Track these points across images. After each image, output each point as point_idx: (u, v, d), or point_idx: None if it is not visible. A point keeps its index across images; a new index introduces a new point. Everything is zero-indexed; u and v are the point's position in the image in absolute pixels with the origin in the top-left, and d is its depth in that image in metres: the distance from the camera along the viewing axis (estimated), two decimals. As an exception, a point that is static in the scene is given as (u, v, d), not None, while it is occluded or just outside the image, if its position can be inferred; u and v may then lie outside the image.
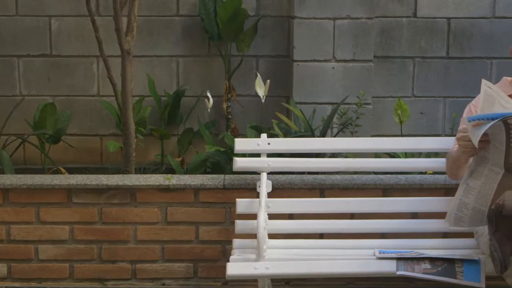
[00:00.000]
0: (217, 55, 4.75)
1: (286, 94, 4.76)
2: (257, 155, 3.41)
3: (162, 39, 4.81)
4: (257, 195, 3.29)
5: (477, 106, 2.79)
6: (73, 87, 4.84)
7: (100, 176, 3.66)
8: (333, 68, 4.57)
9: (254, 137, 3.99)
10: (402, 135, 4.29)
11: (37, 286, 3.66)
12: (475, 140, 2.58)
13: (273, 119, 4.28)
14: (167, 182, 3.58)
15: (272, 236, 3.28)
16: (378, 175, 3.65)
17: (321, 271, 3.00)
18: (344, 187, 3.55)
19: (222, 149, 4.12)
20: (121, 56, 3.96)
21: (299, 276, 3.39)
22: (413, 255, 2.95)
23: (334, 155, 3.88)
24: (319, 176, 3.62)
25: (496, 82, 3.12)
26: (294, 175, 3.63)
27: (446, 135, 4.69)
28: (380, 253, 3.04)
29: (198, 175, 3.74)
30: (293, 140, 3.61)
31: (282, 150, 3.47)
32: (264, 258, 2.98)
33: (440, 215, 3.25)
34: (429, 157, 3.76)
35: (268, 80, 4.23)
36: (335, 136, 4.32)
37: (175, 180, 3.61)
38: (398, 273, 2.86)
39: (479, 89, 2.71)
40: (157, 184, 3.58)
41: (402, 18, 4.80)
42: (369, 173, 3.72)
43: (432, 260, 2.89)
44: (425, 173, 3.74)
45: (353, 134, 4.29)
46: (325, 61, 4.56)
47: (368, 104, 4.52)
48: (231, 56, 4.70)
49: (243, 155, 3.55)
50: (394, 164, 3.52)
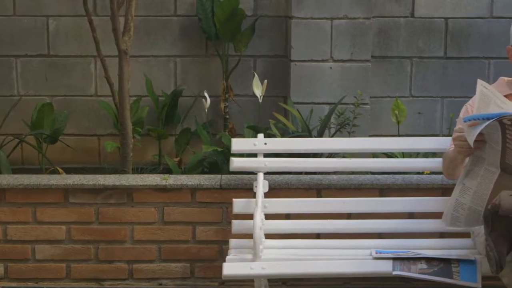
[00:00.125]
0: (215, 55, 4.75)
1: (284, 94, 4.75)
2: (254, 155, 3.41)
3: (160, 39, 4.81)
4: (254, 195, 3.28)
5: (474, 106, 2.78)
6: (71, 87, 4.84)
7: (97, 176, 3.66)
8: (331, 68, 4.56)
9: (252, 137, 3.98)
10: (400, 135, 4.28)
11: (34, 286, 3.66)
12: (471, 140, 2.58)
13: (271, 119, 4.27)
14: (164, 182, 3.58)
15: (269, 236, 3.28)
16: (375, 175, 3.64)
17: (318, 271, 2.99)
18: (341, 187, 3.55)
19: (219, 149, 4.11)
20: (118, 56, 3.96)
21: (296, 276, 3.38)
22: (410, 255, 2.94)
23: (331, 155, 3.88)
24: (316, 176, 3.62)
25: (494, 82, 3.12)
26: (291, 175, 3.62)
27: (444, 135, 4.68)
28: (377, 253, 3.03)
29: (195, 175, 3.74)
30: (290, 140, 3.60)
31: (279, 150, 3.47)
32: (261, 258, 2.96)
33: (437, 215, 3.24)
34: (427, 157, 3.76)
35: (265, 80, 4.23)
36: (333, 136, 4.31)
37: (172, 180, 3.60)
38: (394, 273, 2.85)
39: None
40: (154, 184, 3.58)
41: (400, 18, 4.80)
42: (366, 173, 3.72)
43: (429, 260, 2.88)
44: (422, 173, 3.74)
45: (351, 134, 4.28)
46: (323, 61, 4.56)
47: (366, 104, 4.52)
48: (229, 56, 4.70)
49: (241, 155, 3.54)
50: (391, 164, 3.51)
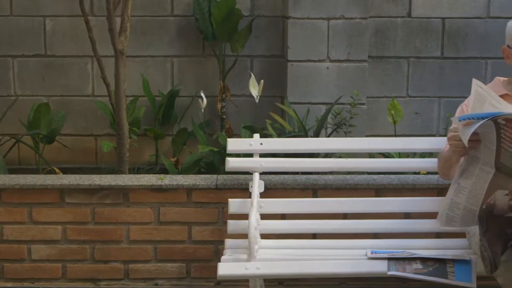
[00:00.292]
0: (212, 55, 4.75)
1: (281, 94, 4.75)
2: (250, 155, 3.40)
3: (157, 39, 4.80)
4: (250, 195, 3.28)
5: (469, 106, 2.78)
6: (68, 87, 4.84)
7: (93, 176, 3.66)
8: (328, 68, 4.56)
9: (248, 137, 3.98)
10: (396, 135, 4.28)
11: (30, 286, 3.66)
12: (465, 140, 2.57)
13: (267, 119, 4.27)
14: (160, 182, 3.58)
15: (265, 236, 3.28)
16: (371, 175, 3.64)
17: (313, 271, 2.99)
18: (337, 187, 3.55)
19: (216, 149, 4.11)
20: (115, 56, 3.96)
21: (290, 276, 3.38)
22: (405, 255, 2.94)
23: (328, 155, 3.87)
24: (312, 176, 3.62)
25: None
26: (287, 175, 3.62)
27: (441, 135, 4.67)
28: (372, 253, 3.03)
29: (191, 175, 3.74)
30: (286, 140, 3.59)
31: (275, 150, 3.47)
32: (256, 258, 2.97)
33: (433, 215, 3.22)
34: (423, 157, 3.75)
35: (262, 80, 4.22)
36: (329, 136, 4.31)
37: (168, 180, 3.60)
38: (389, 273, 2.84)
39: (473, 89, 2.71)
40: (150, 184, 3.58)
41: (397, 18, 4.79)
42: (363, 173, 3.72)
43: (424, 260, 2.88)
44: (419, 173, 3.73)
45: (347, 134, 4.28)
46: (319, 61, 4.56)
47: (363, 104, 4.52)
48: (226, 56, 4.70)
49: (237, 155, 3.54)
50: (387, 164, 3.50)
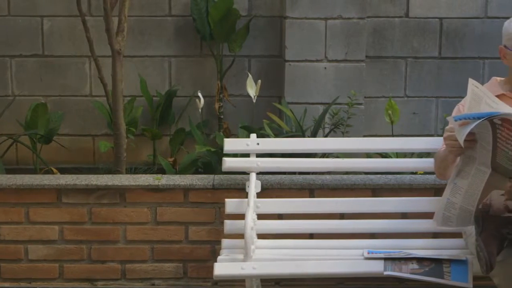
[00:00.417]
0: (209, 55, 4.75)
1: (279, 94, 4.75)
2: (247, 155, 3.39)
3: (154, 39, 4.80)
4: (247, 195, 3.27)
5: (465, 106, 2.78)
6: (66, 87, 4.84)
7: (90, 176, 3.66)
8: (325, 68, 4.56)
9: (245, 137, 3.97)
10: (394, 135, 4.28)
11: (27, 286, 3.65)
12: (461, 139, 2.57)
13: (265, 119, 4.27)
14: (157, 182, 3.58)
15: (262, 236, 3.27)
16: (368, 175, 3.64)
17: (309, 271, 2.98)
18: (334, 187, 3.55)
19: (213, 149, 4.11)
20: (112, 57, 3.96)
21: (287, 276, 3.38)
22: (401, 255, 2.94)
23: (325, 155, 3.87)
24: (309, 176, 3.62)
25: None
26: (284, 175, 3.62)
27: (438, 135, 4.66)
28: (369, 253, 3.02)
29: (188, 175, 3.74)
30: (282, 140, 3.58)
31: (271, 150, 3.46)
32: (252, 258, 2.97)
33: (430, 215, 3.22)
34: (421, 157, 3.75)
35: (259, 80, 4.22)
36: (326, 136, 4.31)
37: (165, 180, 3.60)
38: (386, 273, 2.84)
39: (470, 89, 2.71)
40: (147, 184, 3.57)
41: (394, 18, 4.79)
42: (360, 173, 3.71)
43: (420, 260, 2.87)
44: (416, 173, 3.73)
45: (344, 134, 4.27)
46: (317, 61, 4.56)
47: (360, 104, 4.52)
48: (223, 56, 4.70)
49: (235, 155, 3.54)
50: (384, 164, 3.50)
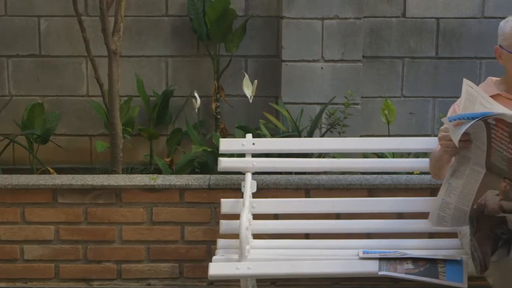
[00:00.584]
0: (206, 55, 4.74)
1: (275, 94, 4.75)
2: (243, 155, 3.39)
3: (151, 39, 4.80)
4: (243, 195, 3.27)
5: (460, 106, 2.78)
6: (62, 87, 4.84)
7: (85, 176, 3.66)
8: (322, 68, 4.56)
9: (242, 138, 3.97)
10: (390, 135, 4.27)
11: (23, 287, 3.65)
12: (456, 140, 2.57)
13: (261, 119, 4.27)
14: (153, 182, 3.57)
15: (258, 236, 3.27)
16: (364, 175, 3.64)
17: (304, 271, 2.98)
18: (330, 187, 3.54)
19: (209, 149, 4.11)
20: (108, 57, 3.96)
21: (281, 276, 3.37)
22: (396, 255, 2.94)
23: (322, 156, 3.87)
24: (305, 176, 3.61)
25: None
26: (280, 175, 3.62)
27: (435, 135, 4.65)
28: (364, 253, 3.02)
29: (184, 175, 3.74)
30: (278, 140, 3.59)
31: (267, 150, 3.46)
32: (247, 258, 2.96)
33: (425, 216, 3.20)
34: (418, 157, 3.75)
35: (256, 80, 4.21)
36: (323, 136, 4.30)
37: (161, 180, 3.60)
38: (380, 273, 2.84)
39: (465, 89, 2.71)
40: (142, 184, 3.57)
41: (391, 18, 4.79)
42: (356, 173, 3.71)
43: (415, 260, 2.87)
44: (412, 174, 3.73)
45: (341, 134, 4.27)
46: (314, 61, 4.56)
47: (357, 104, 4.52)
48: (220, 56, 4.70)
49: (231, 155, 3.54)
50: (380, 164, 3.50)
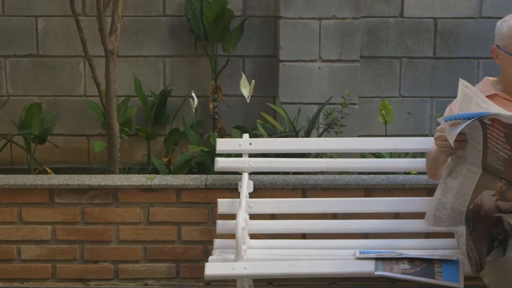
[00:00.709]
0: (204, 55, 4.75)
1: (273, 94, 4.75)
2: (240, 155, 3.39)
3: (148, 39, 4.80)
4: (239, 195, 3.27)
5: (456, 106, 2.78)
6: (60, 87, 4.84)
7: (82, 176, 3.65)
8: (319, 68, 4.56)
9: (239, 138, 3.97)
10: (387, 135, 4.27)
11: (20, 287, 3.65)
12: (451, 140, 2.57)
13: (259, 119, 4.27)
14: (149, 182, 3.57)
15: (254, 236, 3.27)
16: (361, 175, 3.64)
17: (300, 271, 2.98)
18: (327, 187, 3.54)
19: (206, 149, 4.11)
20: (105, 57, 3.96)
21: (278, 276, 3.37)
22: (393, 255, 2.94)
23: (319, 156, 3.87)
24: (302, 176, 3.61)
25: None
26: (276, 175, 3.62)
27: (433, 136, 4.65)
28: (361, 253, 3.02)
29: (181, 175, 3.73)
30: (275, 140, 3.59)
31: (264, 150, 3.46)
32: (243, 258, 2.96)
33: (422, 216, 3.19)
34: (415, 158, 3.75)
35: (253, 80, 4.21)
36: (320, 136, 4.30)
37: (157, 180, 3.60)
38: (377, 273, 2.84)
39: (463, 90, 2.71)
40: (139, 184, 3.57)
41: (389, 18, 4.79)
42: (353, 173, 3.71)
43: (411, 260, 2.87)
44: (409, 174, 3.73)
45: (338, 134, 4.27)
46: (311, 61, 4.56)
47: (354, 104, 4.52)
48: (218, 56, 4.70)
49: (229, 155, 3.54)
50: (377, 164, 3.50)
